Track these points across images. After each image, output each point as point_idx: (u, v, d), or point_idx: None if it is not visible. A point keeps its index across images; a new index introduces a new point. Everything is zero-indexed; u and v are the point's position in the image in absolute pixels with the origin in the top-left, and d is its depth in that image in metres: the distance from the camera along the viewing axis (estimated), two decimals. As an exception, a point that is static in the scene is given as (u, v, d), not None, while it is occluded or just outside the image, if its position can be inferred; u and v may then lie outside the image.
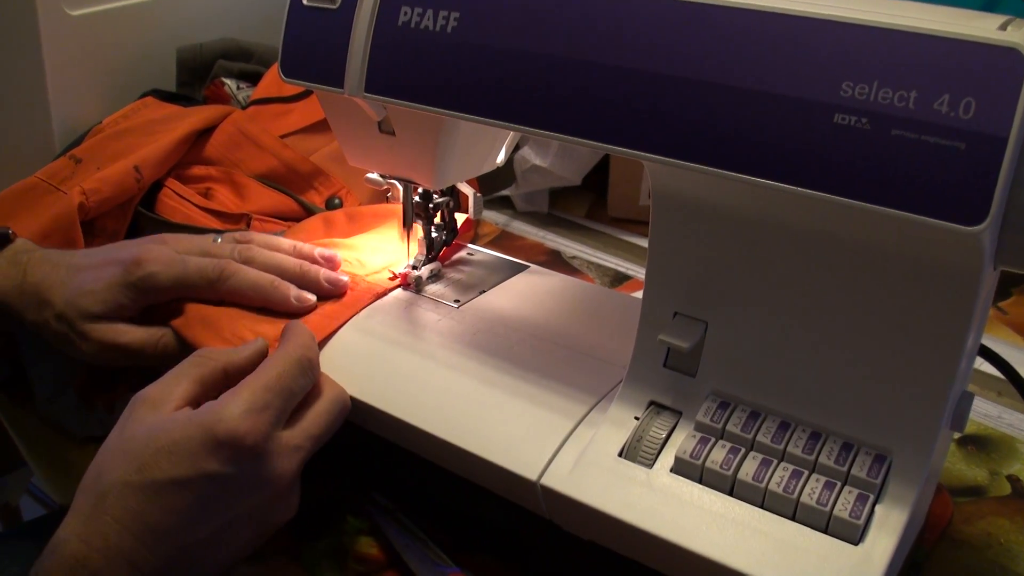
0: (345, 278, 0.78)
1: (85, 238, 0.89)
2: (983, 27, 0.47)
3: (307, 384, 0.65)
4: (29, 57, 1.03)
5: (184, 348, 0.74)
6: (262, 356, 0.67)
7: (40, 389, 0.84)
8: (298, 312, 0.75)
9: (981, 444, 0.81)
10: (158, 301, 0.76)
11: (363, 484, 0.76)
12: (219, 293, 0.75)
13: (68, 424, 0.83)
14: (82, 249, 0.84)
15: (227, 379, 0.65)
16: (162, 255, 0.76)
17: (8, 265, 0.78)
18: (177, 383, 0.63)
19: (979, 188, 0.46)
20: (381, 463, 0.75)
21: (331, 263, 0.79)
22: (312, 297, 0.76)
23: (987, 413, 0.84)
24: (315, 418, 0.65)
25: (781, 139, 0.50)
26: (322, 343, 0.72)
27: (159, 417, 0.61)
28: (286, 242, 0.81)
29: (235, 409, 0.60)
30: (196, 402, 0.63)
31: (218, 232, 0.83)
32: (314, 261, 0.78)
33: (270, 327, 0.73)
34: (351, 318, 0.74)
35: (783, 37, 0.50)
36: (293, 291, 0.75)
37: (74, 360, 0.79)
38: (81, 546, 0.56)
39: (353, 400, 0.68)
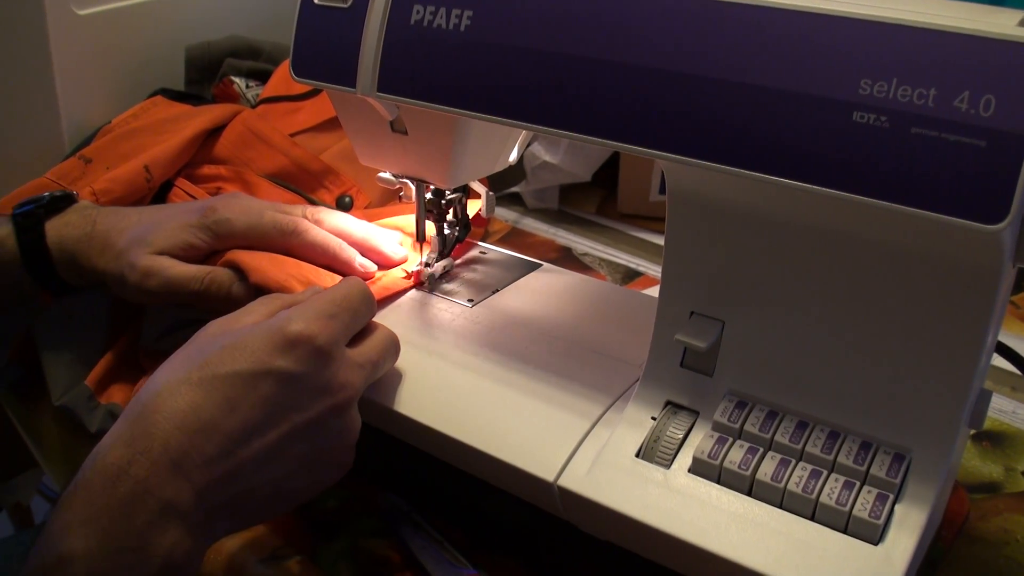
0: (404, 251, 0.80)
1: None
2: (1002, 23, 0.47)
3: (368, 314, 0.66)
4: (38, 57, 1.03)
5: (228, 296, 0.74)
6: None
7: (54, 382, 0.84)
8: (361, 277, 0.75)
9: (996, 440, 0.80)
10: (228, 246, 0.78)
11: (379, 485, 0.76)
12: (290, 246, 0.77)
13: (81, 419, 0.82)
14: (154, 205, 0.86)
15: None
16: (239, 204, 0.79)
17: (77, 217, 0.80)
18: (247, 314, 0.62)
19: (1000, 186, 0.46)
20: (397, 464, 0.74)
21: (390, 239, 0.81)
22: (374, 267, 0.78)
23: (1002, 408, 0.84)
24: (375, 344, 0.65)
25: (799, 137, 0.50)
26: None
27: (229, 319, 0.61)
28: (351, 216, 0.83)
29: (307, 312, 0.60)
30: None
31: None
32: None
33: (330, 282, 0.74)
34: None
35: (800, 34, 0.50)
36: (358, 257, 0.78)
37: (90, 352, 0.80)
38: (124, 450, 0.53)
39: (368, 401, 0.68)
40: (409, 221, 0.83)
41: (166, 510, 0.53)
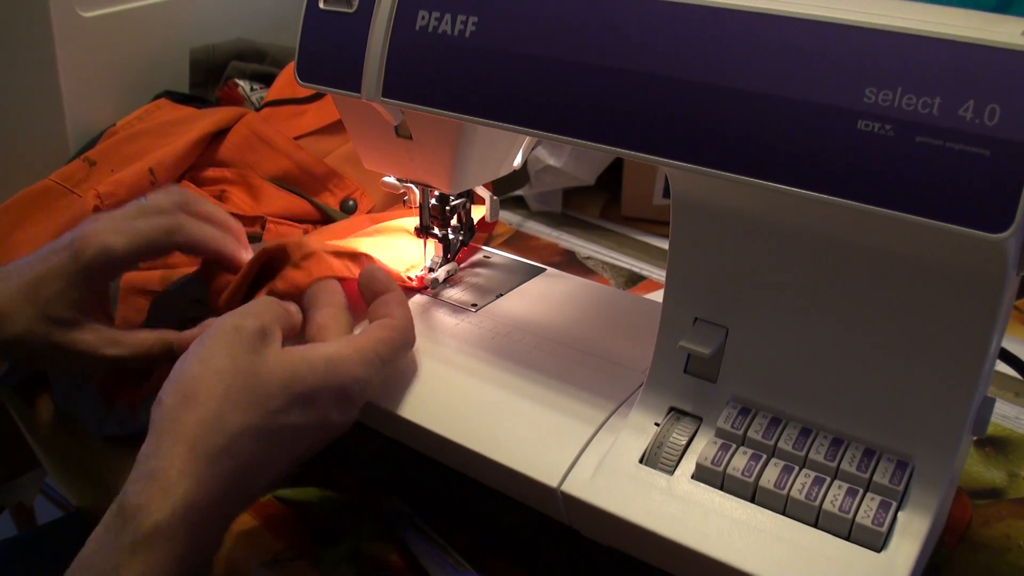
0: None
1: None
2: (1008, 32, 0.47)
3: (407, 349, 0.68)
4: (42, 59, 1.03)
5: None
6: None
7: (58, 384, 0.84)
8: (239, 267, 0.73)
9: (999, 445, 0.80)
10: (121, 274, 0.75)
11: (381, 489, 0.76)
12: (177, 244, 0.71)
13: (86, 422, 0.82)
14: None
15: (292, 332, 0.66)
16: (105, 226, 0.70)
17: None
18: (272, 321, 0.62)
19: (1004, 195, 0.46)
20: (399, 468, 0.74)
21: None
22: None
23: (1005, 414, 0.84)
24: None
25: (803, 145, 0.50)
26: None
27: (280, 355, 0.59)
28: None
29: (366, 359, 0.62)
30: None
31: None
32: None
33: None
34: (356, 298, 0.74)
35: (805, 42, 0.50)
36: (240, 250, 0.74)
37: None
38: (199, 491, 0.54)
39: (371, 405, 0.68)
40: (411, 224, 0.83)
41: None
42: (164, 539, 0.52)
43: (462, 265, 0.84)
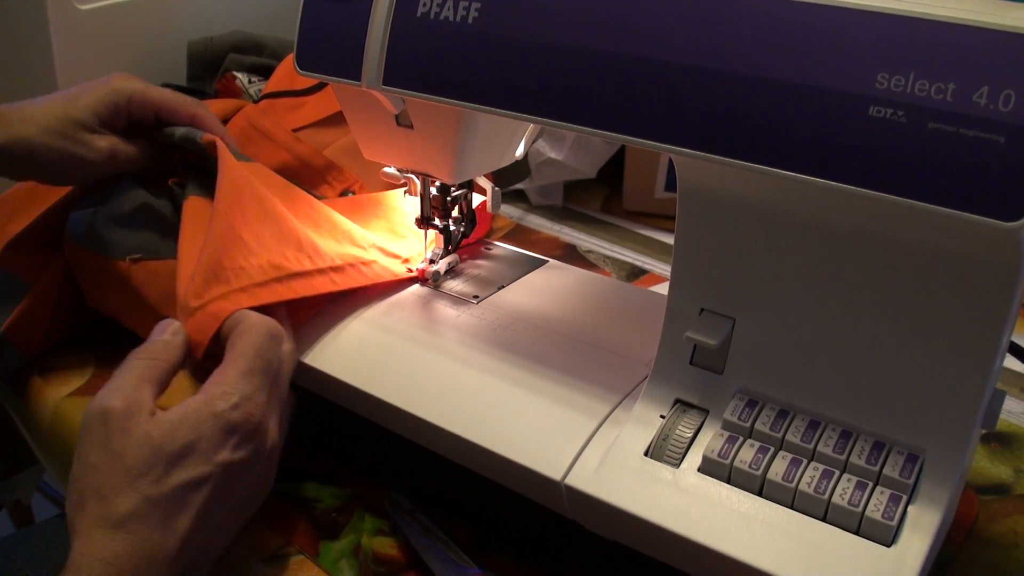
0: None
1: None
2: (1022, 17, 0.46)
3: (279, 352, 0.66)
4: (39, 52, 1.03)
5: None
6: (186, 341, 0.67)
7: None
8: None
9: (1005, 441, 0.80)
10: (134, 114, 0.84)
11: (382, 483, 0.75)
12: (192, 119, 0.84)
13: None
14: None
15: (175, 373, 0.66)
16: (138, 81, 0.85)
17: None
18: (138, 389, 0.62)
19: (1018, 183, 0.45)
20: (400, 462, 0.74)
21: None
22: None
23: (1011, 410, 0.83)
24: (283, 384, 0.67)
25: (814, 132, 0.49)
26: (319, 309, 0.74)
27: (147, 424, 0.59)
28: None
29: (236, 387, 0.61)
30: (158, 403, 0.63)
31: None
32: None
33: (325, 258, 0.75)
34: (356, 289, 0.75)
35: (816, 27, 0.49)
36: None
37: None
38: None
39: (372, 398, 0.67)
40: (396, 196, 0.83)
41: None
42: None
43: (463, 256, 0.83)
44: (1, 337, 0.84)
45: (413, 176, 0.76)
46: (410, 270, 0.79)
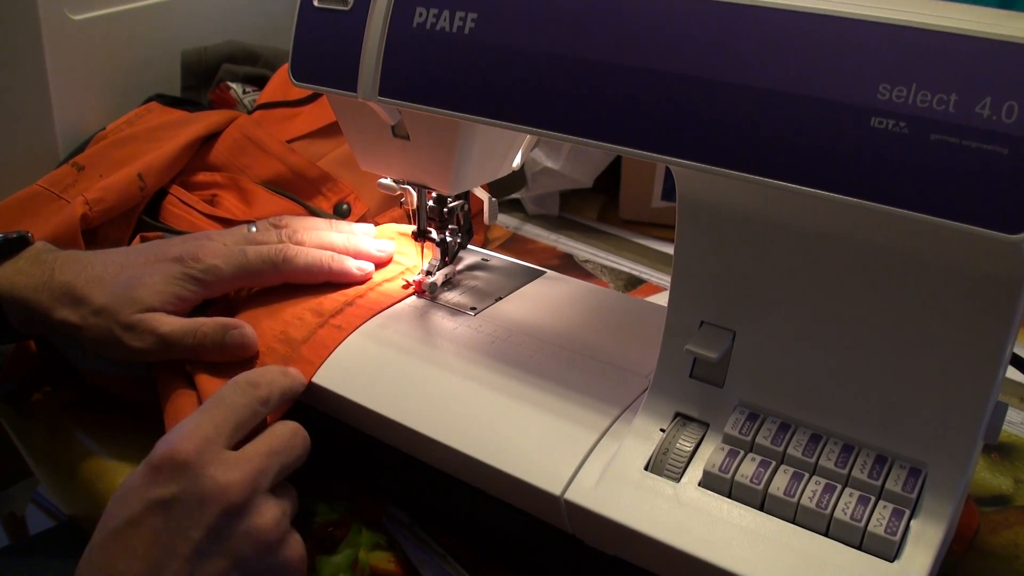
0: (392, 245, 0.81)
1: (87, 247, 0.87)
2: (1025, 28, 0.46)
3: (252, 403, 0.65)
4: (31, 62, 1.02)
5: (222, 345, 0.72)
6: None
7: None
8: (361, 281, 0.78)
9: (1005, 452, 0.79)
10: (218, 293, 0.77)
11: (380, 497, 0.75)
12: (283, 276, 0.76)
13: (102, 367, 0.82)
14: (113, 249, 0.81)
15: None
16: (217, 249, 0.76)
17: (31, 265, 0.76)
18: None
19: (1021, 194, 0.45)
20: (399, 476, 0.73)
21: (370, 234, 0.82)
22: (370, 266, 0.79)
23: (1011, 420, 0.83)
24: (264, 437, 0.64)
25: (815, 143, 0.49)
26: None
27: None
28: (322, 221, 0.82)
29: (173, 433, 0.61)
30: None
31: (250, 223, 0.82)
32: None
33: (328, 303, 0.75)
34: (359, 327, 0.74)
35: (817, 38, 0.49)
36: (351, 262, 0.78)
37: None
38: None
39: (369, 412, 0.66)
40: (405, 229, 0.83)
41: None
42: None
43: (460, 268, 0.82)
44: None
45: (409, 187, 0.76)
46: (407, 284, 0.78)
